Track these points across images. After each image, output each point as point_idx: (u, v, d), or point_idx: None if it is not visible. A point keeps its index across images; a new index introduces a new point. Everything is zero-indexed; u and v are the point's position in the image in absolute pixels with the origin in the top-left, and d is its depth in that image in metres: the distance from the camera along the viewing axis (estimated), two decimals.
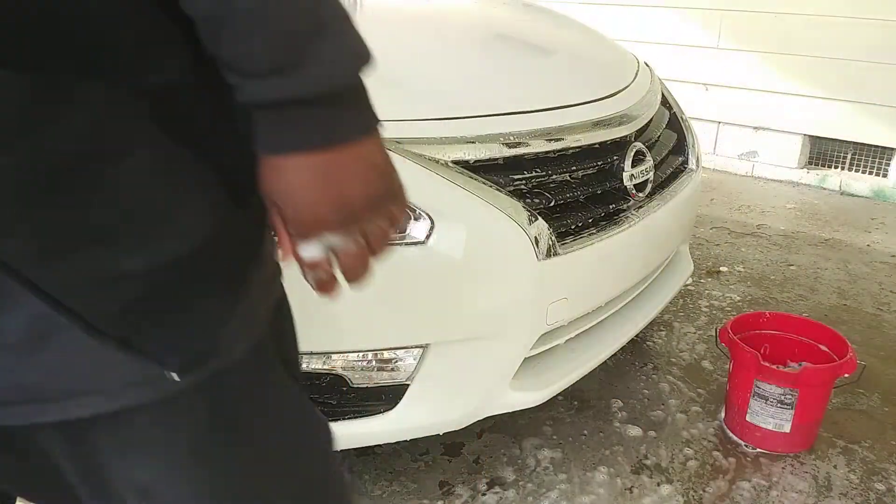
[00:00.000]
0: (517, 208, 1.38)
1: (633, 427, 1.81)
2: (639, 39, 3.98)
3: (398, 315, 1.34)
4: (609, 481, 1.63)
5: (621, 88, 1.79)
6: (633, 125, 1.69)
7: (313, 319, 1.33)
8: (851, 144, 3.73)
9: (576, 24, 2.32)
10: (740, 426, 1.76)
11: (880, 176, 3.70)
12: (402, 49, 1.59)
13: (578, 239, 1.49)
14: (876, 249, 3.01)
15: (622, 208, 1.62)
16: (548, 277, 1.42)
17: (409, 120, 1.37)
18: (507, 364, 1.46)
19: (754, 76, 3.80)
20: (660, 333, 2.26)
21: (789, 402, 1.66)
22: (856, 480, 1.65)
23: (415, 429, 1.45)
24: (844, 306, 2.49)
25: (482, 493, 1.59)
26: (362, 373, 1.37)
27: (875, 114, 3.53)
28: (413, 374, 1.37)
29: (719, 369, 2.06)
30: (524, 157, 1.46)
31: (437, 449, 1.71)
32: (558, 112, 1.57)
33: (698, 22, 3.92)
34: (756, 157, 3.99)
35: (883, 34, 3.39)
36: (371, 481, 1.61)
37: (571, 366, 1.60)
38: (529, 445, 1.74)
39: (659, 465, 1.69)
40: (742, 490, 1.61)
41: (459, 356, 1.40)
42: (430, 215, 1.30)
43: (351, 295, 1.32)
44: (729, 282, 2.66)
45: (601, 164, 1.61)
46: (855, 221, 3.34)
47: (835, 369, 1.66)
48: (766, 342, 1.86)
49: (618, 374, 2.03)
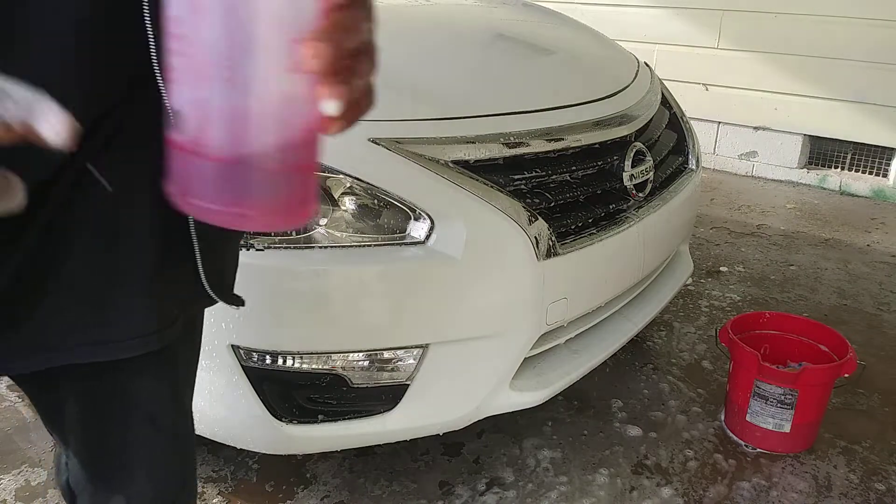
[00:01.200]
0: (517, 208, 1.38)
1: (634, 427, 1.81)
2: (639, 39, 3.98)
3: (398, 315, 1.34)
4: (609, 481, 1.63)
5: (621, 88, 1.79)
6: (634, 125, 1.69)
7: (313, 319, 1.33)
8: (851, 144, 3.73)
9: (576, 24, 2.32)
10: (740, 426, 1.76)
11: (880, 176, 3.70)
12: (402, 49, 1.58)
13: (578, 239, 1.49)
14: (876, 249, 3.01)
15: (622, 208, 1.62)
16: (548, 277, 1.42)
17: (410, 120, 1.37)
18: (507, 364, 1.46)
19: (754, 76, 3.80)
20: (660, 333, 2.26)
21: (789, 403, 1.66)
22: (856, 480, 1.65)
23: (415, 429, 1.45)
24: (844, 306, 2.49)
25: (482, 493, 1.59)
26: (362, 373, 1.37)
27: (875, 114, 3.53)
28: (413, 374, 1.37)
29: (719, 369, 2.06)
30: (524, 157, 1.46)
31: (437, 449, 1.71)
32: (558, 112, 1.57)
33: (698, 22, 3.92)
34: (756, 157, 3.99)
35: (883, 34, 3.39)
36: (371, 481, 1.61)
37: (571, 366, 1.60)
38: (529, 445, 1.73)
39: (659, 465, 1.69)
40: (742, 490, 1.61)
41: (459, 356, 1.40)
42: (430, 215, 1.30)
43: (351, 295, 1.32)
44: (729, 282, 2.66)
45: (601, 164, 1.61)
46: (855, 221, 3.34)
47: (835, 369, 1.66)
48: (767, 342, 1.85)
49: (618, 375, 2.03)
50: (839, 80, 3.55)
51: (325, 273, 1.30)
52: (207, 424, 1.38)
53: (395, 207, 1.31)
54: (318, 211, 0.51)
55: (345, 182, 1.30)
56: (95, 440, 0.74)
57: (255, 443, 1.42)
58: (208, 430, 1.39)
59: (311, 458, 1.67)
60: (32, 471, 1.65)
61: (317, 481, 1.61)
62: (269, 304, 1.28)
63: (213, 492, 1.58)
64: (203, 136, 0.42)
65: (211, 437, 1.41)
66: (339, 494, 1.58)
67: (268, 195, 0.44)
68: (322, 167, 1.29)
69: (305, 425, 1.37)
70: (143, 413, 0.72)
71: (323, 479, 1.62)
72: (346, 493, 1.58)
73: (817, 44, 3.56)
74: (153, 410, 0.73)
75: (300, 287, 1.29)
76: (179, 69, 0.42)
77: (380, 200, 1.31)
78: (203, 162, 0.42)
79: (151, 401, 0.73)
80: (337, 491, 1.59)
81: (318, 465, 1.65)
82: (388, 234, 1.31)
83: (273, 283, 1.26)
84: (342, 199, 1.31)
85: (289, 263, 1.27)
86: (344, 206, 1.31)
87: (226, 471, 1.64)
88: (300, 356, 1.33)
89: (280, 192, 0.44)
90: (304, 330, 1.33)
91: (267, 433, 1.37)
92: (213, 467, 1.64)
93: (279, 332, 1.32)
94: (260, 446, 1.44)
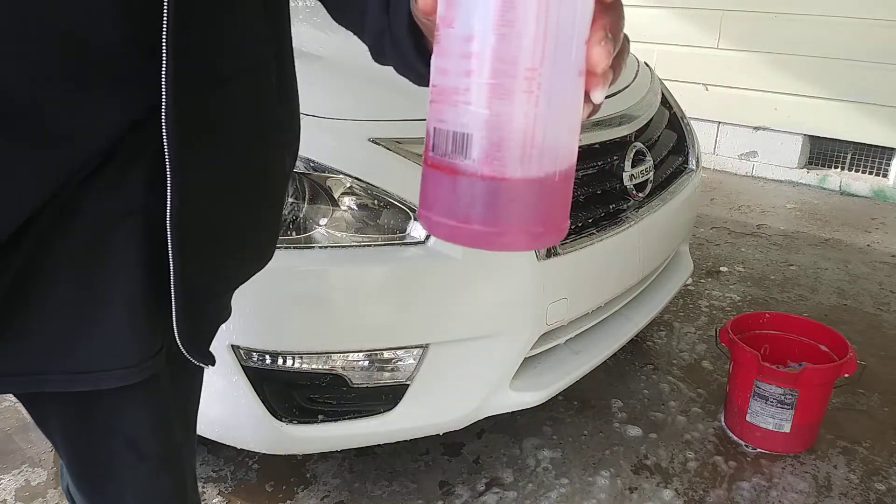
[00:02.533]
0: None
1: (634, 427, 1.81)
2: (639, 39, 3.98)
3: (398, 315, 1.34)
4: (609, 482, 1.63)
5: (621, 88, 1.79)
6: (634, 125, 1.69)
7: (313, 319, 1.33)
8: (851, 144, 3.73)
9: None
10: (740, 426, 1.76)
11: (880, 176, 3.70)
12: None
13: (578, 239, 1.49)
14: (876, 249, 3.01)
15: (622, 208, 1.62)
16: (548, 277, 1.42)
17: (410, 120, 1.37)
18: (507, 364, 1.46)
19: (754, 76, 3.80)
20: (660, 333, 2.26)
21: (789, 403, 1.66)
22: (856, 480, 1.65)
23: (415, 429, 1.45)
24: (844, 306, 2.48)
25: (482, 493, 1.58)
26: (362, 373, 1.37)
27: (875, 114, 3.52)
28: (413, 374, 1.37)
29: (719, 369, 2.06)
30: None
31: (437, 449, 1.71)
32: None
33: (698, 22, 3.92)
34: (756, 157, 3.99)
35: (883, 34, 3.39)
36: (371, 481, 1.61)
37: (571, 366, 1.60)
38: (529, 446, 1.73)
39: (659, 465, 1.69)
40: (742, 490, 1.61)
41: (459, 356, 1.40)
42: None
43: (351, 295, 1.32)
44: (729, 282, 2.66)
45: (601, 164, 1.61)
46: (855, 221, 3.34)
47: (835, 369, 1.66)
48: (767, 342, 1.85)
49: (618, 375, 2.03)
50: (839, 79, 3.55)
51: (325, 273, 1.30)
52: (207, 424, 1.37)
53: (395, 207, 1.31)
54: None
55: (345, 182, 1.30)
56: (80, 460, 0.73)
57: (255, 443, 1.42)
58: (208, 430, 1.39)
59: (311, 458, 1.67)
60: (32, 471, 1.65)
61: (317, 481, 1.61)
62: (270, 304, 1.27)
63: (213, 492, 1.58)
64: (495, 156, 0.38)
65: (211, 437, 1.41)
66: (339, 494, 1.58)
67: (548, 211, 0.41)
68: (322, 167, 1.29)
69: (305, 425, 1.37)
70: (124, 440, 0.71)
71: (323, 479, 1.62)
72: (346, 494, 1.58)
73: (817, 44, 3.56)
74: (135, 439, 0.71)
75: (300, 287, 1.29)
76: (472, 89, 0.38)
77: (380, 200, 1.31)
78: (491, 183, 0.38)
79: (134, 430, 0.71)
80: (337, 491, 1.59)
81: (318, 465, 1.65)
82: (388, 234, 1.31)
83: (273, 283, 1.26)
84: (342, 199, 1.31)
85: (289, 263, 1.27)
86: (344, 206, 1.31)
87: (226, 471, 1.64)
88: (300, 356, 1.33)
89: (557, 205, 0.41)
90: (304, 330, 1.33)
91: (267, 433, 1.37)
92: (213, 467, 1.64)
93: (279, 332, 1.31)
94: (260, 446, 1.44)
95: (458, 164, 0.39)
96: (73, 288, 0.59)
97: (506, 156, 0.38)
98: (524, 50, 0.37)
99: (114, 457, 0.72)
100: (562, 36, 0.38)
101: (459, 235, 0.40)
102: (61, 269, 0.58)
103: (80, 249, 0.58)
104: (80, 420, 0.70)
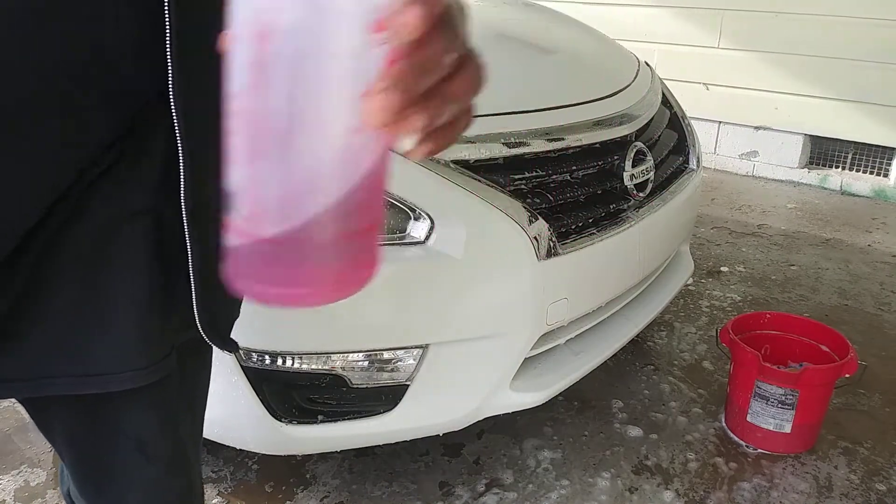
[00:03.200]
0: (517, 208, 1.37)
1: (634, 428, 1.80)
2: (639, 39, 3.98)
3: (398, 315, 1.33)
4: (610, 483, 1.62)
5: (622, 88, 1.78)
6: (634, 125, 1.69)
7: (313, 319, 1.33)
8: (852, 144, 3.73)
9: (576, 24, 2.31)
10: (741, 427, 1.75)
11: (881, 176, 3.69)
12: None
13: (579, 239, 1.48)
14: (877, 249, 3.01)
15: (622, 208, 1.62)
16: (548, 277, 1.42)
17: None
18: (507, 364, 1.45)
19: (754, 76, 3.79)
20: (660, 334, 2.25)
21: (790, 403, 1.66)
22: (857, 481, 1.65)
23: (415, 429, 1.45)
24: (845, 306, 2.48)
25: (482, 493, 1.58)
26: (362, 373, 1.37)
27: (875, 113, 3.52)
28: (413, 375, 1.37)
29: (720, 370, 2.06)
30: (524, 156, 1.45)
31: (437, 450, 1.71)
32: (559, 112, 1.56)
33: (698, 22, 3.91)
34: (757, 156, 3.99)
35: (884, 34, 3.38)
36: (371, 482, 1.61)
37: (572, 366, 1.59)
38: (530, 446, 1.73)
39: (660, 465, 1.68)
40: (743, 491, 1.61)
41: (459, 356, 1.40)
42: (430, 215, 1.30)
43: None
44: (730, 282, 2.65)
45: (602, 164, 1.60)
46: (856, 221, 3.34)
47: (836, 370, 1.66)
48: (767, 342, 1.85)
49: (618, 375, 2.02)
50: (840, 79, 3.55)
51: None
52: (207, 425, 1.36)
53: (395, 207, 1.30)
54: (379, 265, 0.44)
55: None
56: (85, 463, 0.73)
57: (254, 443, 1.42)
58: (208, 431, 1.37)
59: (310, 459, 1.67)
60: (32, 471, 1.64)
61: (317, 482, 1.61)
62: None
63: (212, 492, 1.58)
64: (259, 215, 0.38)
65: (211, 437, 1.41)
66: (338, 495, 1.58)
67: (333, 267, 0.39)
68: None
69: (305, 426, 1.37)
70: (132, 443, 0.71)
71: (323, 480, 1.61)
72: (345, 494, 1.58)
73: (818, 43, 3.56)
74: (143, 440, 0.71)
75: None
76: (235, 148, 0.38)
77: None
78: (259, 243, 0.38)
79: (142, 431, 0.71)
80: (336, 492, 1.58)
81: (318, 466, 1.65)
82: (388, 234, 1.31)
83: None
84: None
85: None
86: None
87: (226, 471, 1.63)
88: (300, 356, 1.33)
89: (344, 260, 0.40)
90: (303, 330, 1.32)
91: (267, 433, 1.37)
92: (213, 467, 1.64)
93: (279, 332, 1.31)
94: (260, 447, 1.44)
95: (230, 221, 0.39)
96: (81, 289, 0.59)
97: (262, 213, 0.38)
98: (274, 114, 0.36)
99: (121, 458, 0.72)
100: (322, 96, 0.36)
101: (238, 289, 0.40)
102: (70, 270, 0.58)
103: (89, 250, 0.58)
104: (86, 421, 0.69)
